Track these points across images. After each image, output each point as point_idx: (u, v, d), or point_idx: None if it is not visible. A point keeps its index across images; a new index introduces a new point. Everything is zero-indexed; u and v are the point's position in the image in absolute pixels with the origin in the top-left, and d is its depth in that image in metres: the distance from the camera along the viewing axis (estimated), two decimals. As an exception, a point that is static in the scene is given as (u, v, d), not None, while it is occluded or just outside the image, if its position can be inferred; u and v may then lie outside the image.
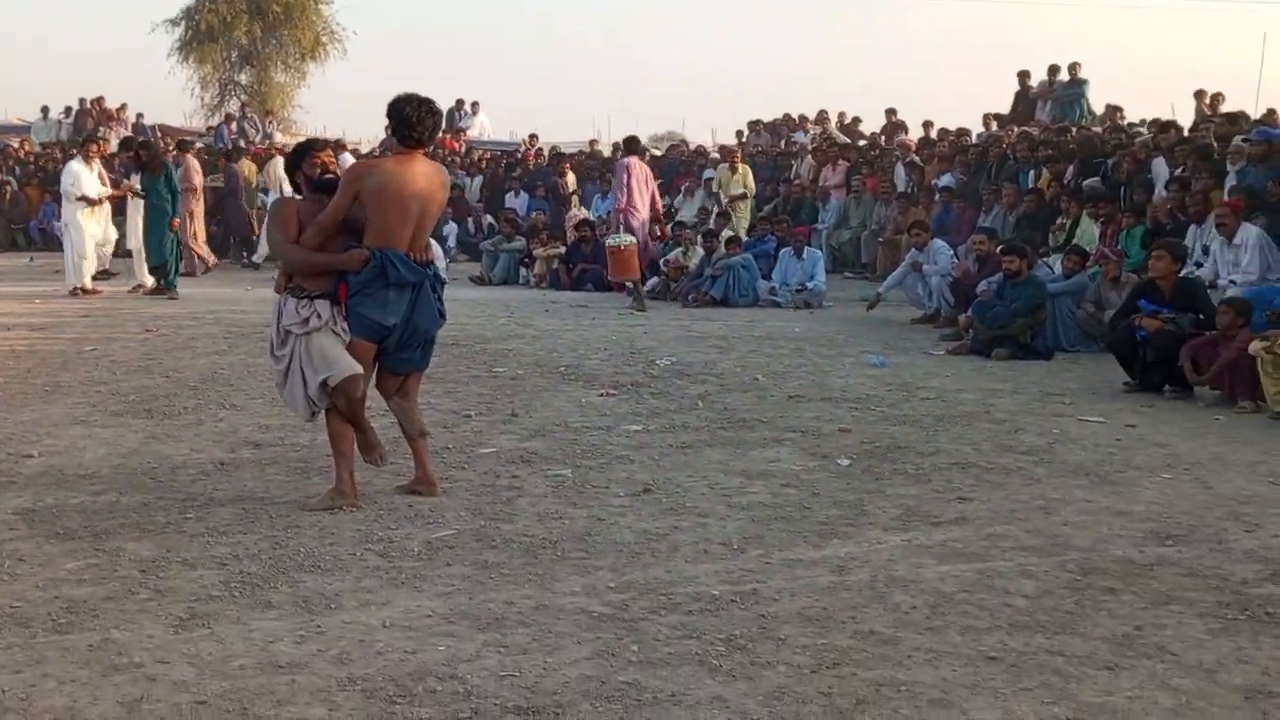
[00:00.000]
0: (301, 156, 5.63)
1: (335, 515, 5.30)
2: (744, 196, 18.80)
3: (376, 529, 5.12)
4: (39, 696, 3.47)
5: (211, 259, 17.76)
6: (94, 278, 15.12)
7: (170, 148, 18.91)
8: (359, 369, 5.41)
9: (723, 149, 21.39)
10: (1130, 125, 17.31)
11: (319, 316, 5.34)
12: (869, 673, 3.72)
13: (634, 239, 14.40)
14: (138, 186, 14.98)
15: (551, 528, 5.18)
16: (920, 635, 4.03)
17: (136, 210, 15.32)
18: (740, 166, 19.23)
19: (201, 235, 17.49)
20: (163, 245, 14.41)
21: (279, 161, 19.31)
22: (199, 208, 17.24)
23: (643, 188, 15.32)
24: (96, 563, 4.60)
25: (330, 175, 5.52)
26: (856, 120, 23.39)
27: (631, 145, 16.14)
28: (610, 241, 14.47)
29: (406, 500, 5.58)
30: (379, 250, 5.33)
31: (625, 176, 15.19)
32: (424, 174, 5.45)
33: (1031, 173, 15.26)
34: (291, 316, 5.35)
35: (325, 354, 5.35)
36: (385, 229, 5.35)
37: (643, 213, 15.17)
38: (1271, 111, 15.35)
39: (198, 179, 17.12)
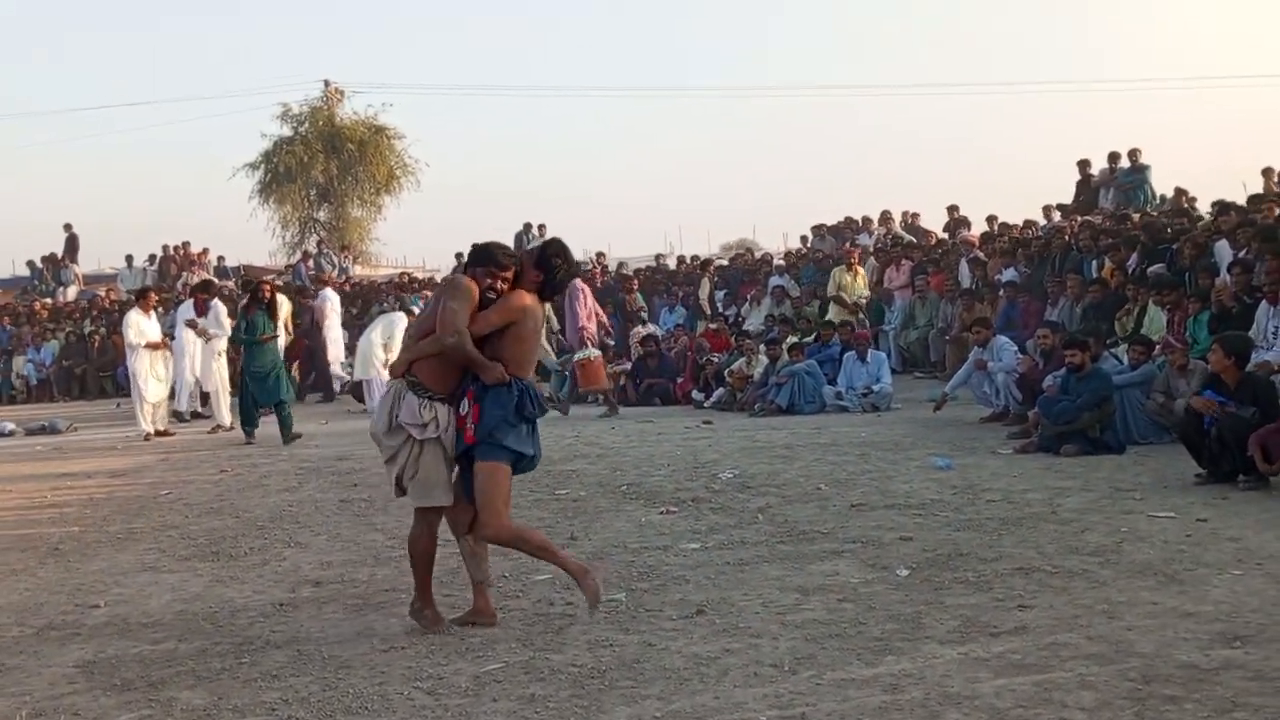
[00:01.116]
0: (483, 260, 5.63)
1: (388, 653, 5.32)
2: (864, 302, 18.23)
3: (427, 665, 5.12)
4: None
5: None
6: (176, 418, 15.61)
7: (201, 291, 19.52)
8: (451, 500, 5.59)
9: (845, 250, 20.48)
10: (1193, 208, 17.12)
11: (438, 425, 5.45)
12: (914, 799, 3.62)
13: (599, 352, 15.42)
14: (213, 329, 15.53)
15: (601, 656, 5.15)
16: (971, 756, 3.92)
17: (210, 353, 15.81)
18: (860, 269, 18.70)
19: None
20: (280, 383, 13.97)
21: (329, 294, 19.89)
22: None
23: (592, 305, 16.22)
24: (149, 714, 4.66)
25: (493, 296, 5.60)
26: (915, 217, 23.40)
27: (575, 271, 16.36)
28: (577, 356, 15.30)
29: (459, 633, 5.59)
30: (520, 381, 5.53)
31: (582, 296, 15.79)
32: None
33: (1095, 262, 15.12)
34: (412, 415, 5.44)
35: (429, 478, 5.50)
36: (523, 361, 5.61)
37: (591, 328, 15.81)
38: (1334, 186, 15.11)
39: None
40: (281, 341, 15.08)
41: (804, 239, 25.79)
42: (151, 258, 29.80)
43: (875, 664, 4.89)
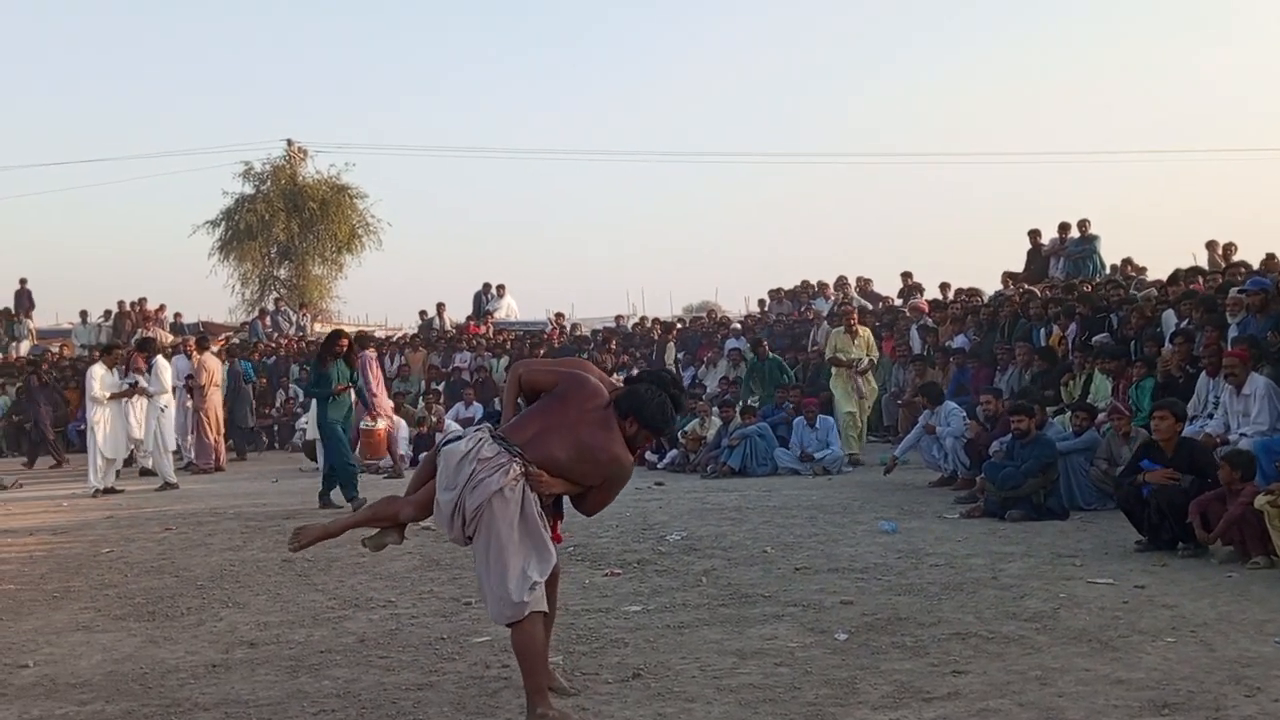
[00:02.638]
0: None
1: (318, 716, 5.25)
2: (873, 366, 16.36)
3: (355, 730, 5.07)
4: None
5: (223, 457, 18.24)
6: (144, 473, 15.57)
7: (189, 345, 19.46)
8: None
9: (844, 311, 17.88)
10: (1131, 278, 17.42)
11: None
12: None
13: (382, 424, 16.34)
14: (148, 386, 15.52)
15: (533, 721, 5.10)
16: (895, 823, 3.92)
17: (154, 410, 15.74)
18: (861, 330, 16.47)
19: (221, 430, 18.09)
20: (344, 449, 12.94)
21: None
22: (218, 403, 17.86)
23: (380, 375, 17.24)
24: (69, 777, 4.58)
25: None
26: (868, 282, 23.63)
27: (365, 341, 17.83)
28: (363, 425, 16.00)
29: (392, 696, 5.52)
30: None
31: (372, 366, 16.75)
32: None
33: (1042, 330, 15.33)
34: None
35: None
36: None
37: (382, 398, 16.83)
38: (1271, 256, 15.41)
39: (218, 375, 17.69)
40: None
41: (761, 302, 26.01)
42: (107, 313, 29.59)
43: (807, 729, 4.88)
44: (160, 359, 16.61)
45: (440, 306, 28.31)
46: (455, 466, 4.98)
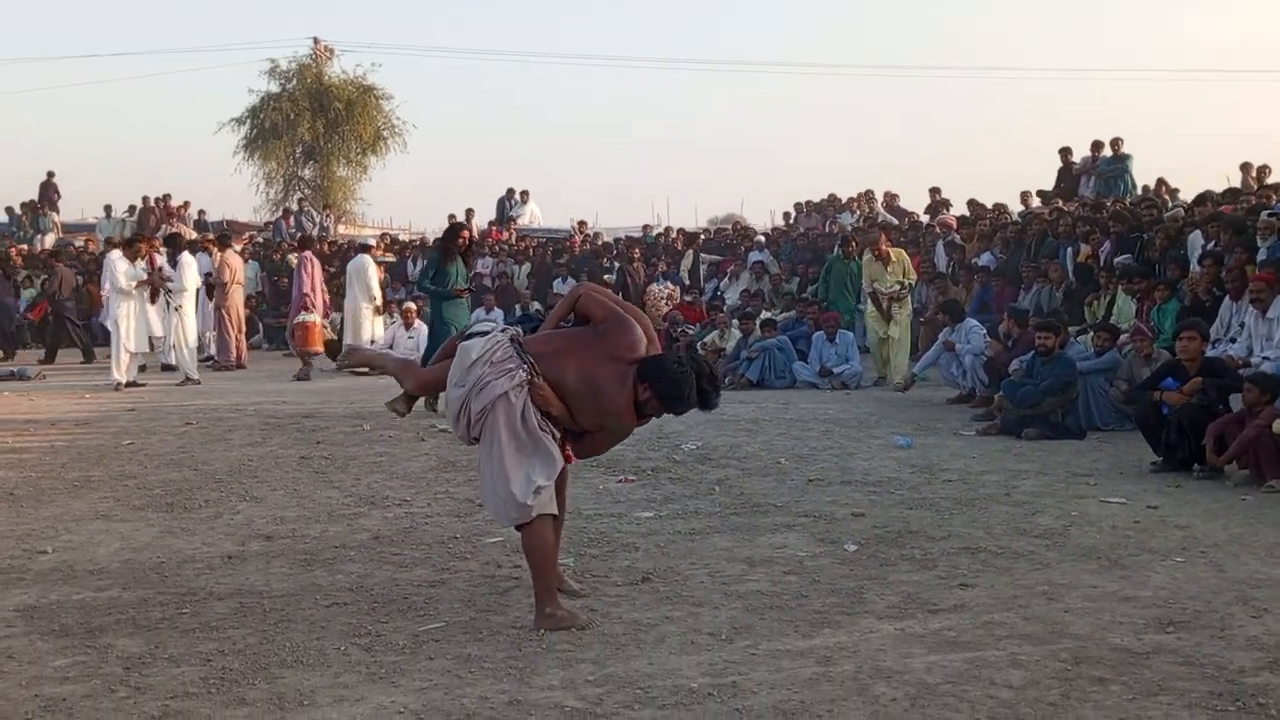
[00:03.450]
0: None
1: (330, 609, 5.33)
2: (907, 291, 14.69)
3: (367, 622, 5.13)
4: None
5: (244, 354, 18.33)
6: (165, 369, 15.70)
7: (209, 243, 19.44)
8: None
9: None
10: (1172, 199, 17.15)
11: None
12: (833, 769, 3.65)
13: (316, 318, 16.54)
14: (171, 276, 15.54)
15: (542, 619, 5.17)
16: (894, 729, 3.96)
17: (173, 307, 15.82)
18: (894, 253, 14.86)
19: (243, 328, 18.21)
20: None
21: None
22: (240, 301, 17.93)
23: (318, 276, 17.26)
24: (84, 660, 4.66)
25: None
26: (894, 197, 23.34)
27: (307, 242, 18.72)
28: (298, 319, 16.56)
29: (404, 592, 5.60)
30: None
31: (309, 266, 16.82)
32: None
33: (1071, 249, 15.15)
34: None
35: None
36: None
37: (315, 297, 16.86)
38: (1307, 181, 15.15)
39: (240, 273, 17.75)
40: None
41: (786, 216, 25.81)
42: (131, 209, 29.60)
43: (812, 636, 4.92)
44: (185, 254, 16.63)
45: (469, 213, 28.19)
46: (467, 367, 4.99)
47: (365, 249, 18.27)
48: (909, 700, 4.19)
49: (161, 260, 16.47)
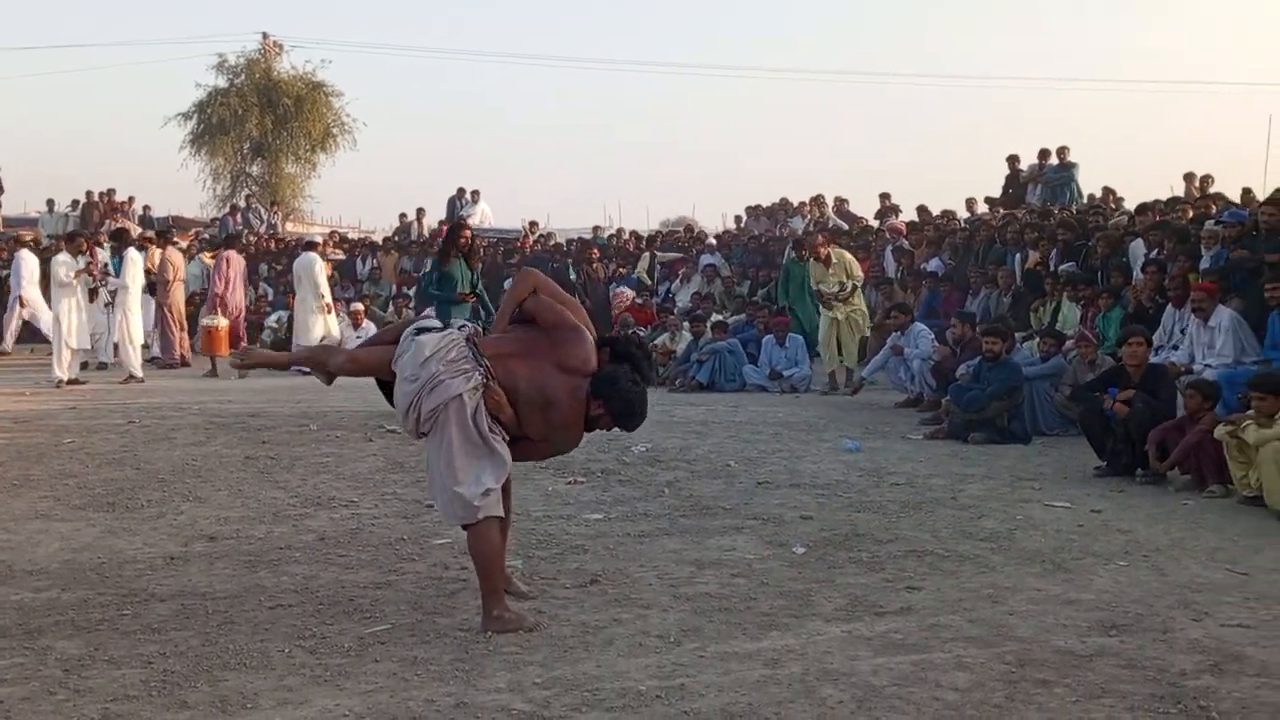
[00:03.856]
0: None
1: (274, 610, 5.27)
2: (850, 290, 14.31)
3: (312, 624, 5.08)
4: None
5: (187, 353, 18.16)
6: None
7: (147, 239, 19.32)
8: None
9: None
10: (1111, 208, 17.40)
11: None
12: (780, 771, 3.65)
13: (225, 322, 16.74)
14: (124, 280, 15.37)
15: (489, 621, 5.13)
16: (841, 731, 3.97)
17: (120, 303, 15.63)
18: (834, 254, 14.54)
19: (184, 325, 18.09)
20: None
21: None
22: (181, 298, 17.80)
23: (239, 276, 17.75)
24: (22, 661, 4.57)
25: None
26: (844, 202, 23.46)
27: (230, 241, 19.11)
28: (205, 321, 16.85)
29: (350, 594, 5.54)
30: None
31: (225, 266, 17.31)
32: None
33: (1018, 255, 15.32)
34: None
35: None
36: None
37: (236, 297, 17.48)
38: (1248, 191, 15.42)
39: (181, 270, 17.62)
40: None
41: (738, 219, 25.88)
42: (74, 203, 29.11)
43: (760, 639, 4.93)
44: (132, 250, 16.40)
45: (420, 211, 28.02)
46: (421, 362, 4.95)
47: (311, 246, 18.09)
48: (855, 702, 4.21)
49: (104, 256, 16.24)
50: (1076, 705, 4.18)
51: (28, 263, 18.36)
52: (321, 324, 16.79)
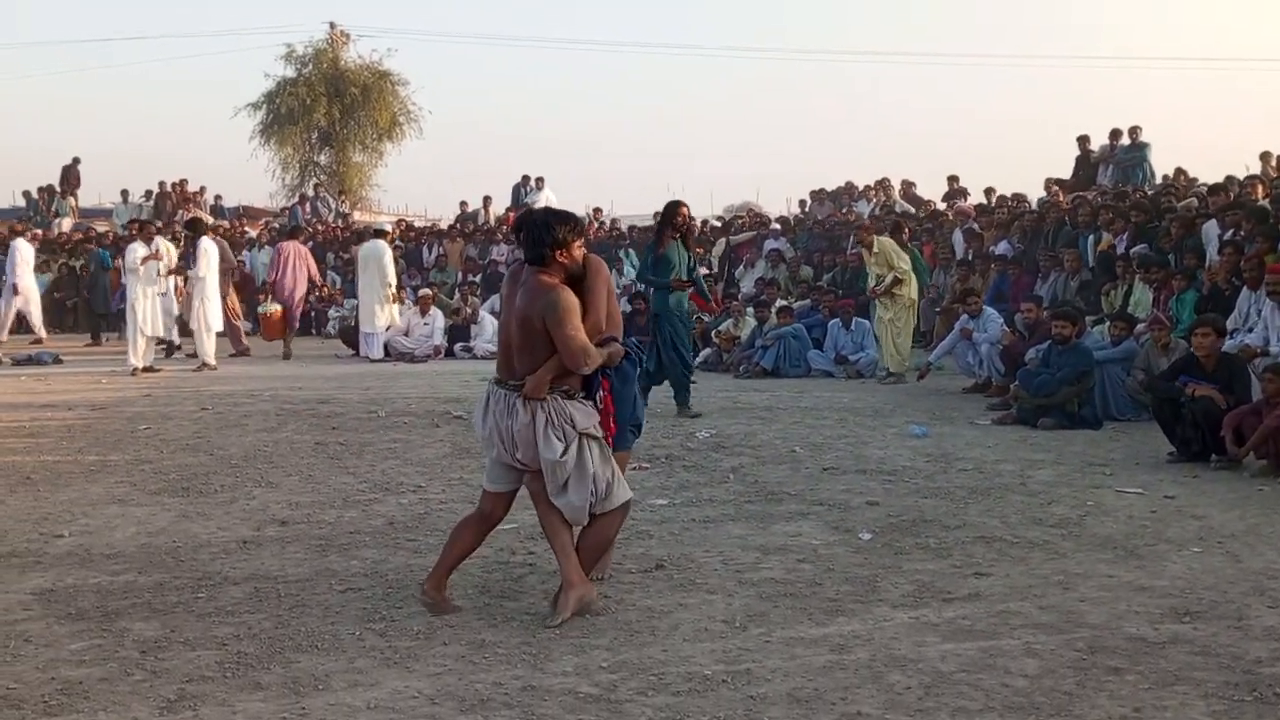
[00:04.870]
0: (562, 242, 5.01)
1: (345, 594, 5.34)
2: (890, 282, 13.52)
3: (382, 608, 5.14)
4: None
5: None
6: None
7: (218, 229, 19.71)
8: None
9: (861, 229, 15.73)
10: (1185, 187, 17.05)
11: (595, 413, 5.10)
12: (846, 757, 3.64)
13: (279, 307, 17.76)
14: (201, 271, 15.62)
15: (556, 605, 5.17)
16: (908, 718, 3.95)
17: (197, 291, 15.88)
18: (879, 241, 13.88)
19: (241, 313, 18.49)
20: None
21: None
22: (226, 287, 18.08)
23: (298, 264, 18.11)
24: (100, 643, 4.68)
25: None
26: (911, 185, 23.22)
27: (294, 232, 19.93)
28: (260, 310, 18.31)
29: (418, 578, 5.60)
30: (627, 342, 5.25)
31: (278, 256, 18.24)
32: None
33: (1090, 238, 15.07)
34: (588, 417, 5.04)
35: (615, 468, 5.18)
36: (616, 318, 5.27)
37: (296, 285, 18.04)
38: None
39: (225, 260, 17.87)
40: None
41: (802, 203, 25.74)
42: (148, 193, 29.69)
43: (826, 624, 4.91)
44: (205, 239, 16.60)
45: (486, 200, 28.18)
46: (484, 435, 5.17)
47: (381, 234, 18.25)
48: (923, 689, 4.18)
49: (161, 245, 16.47)
50: (1149, 693, 4.12)
51: (22, 251, 18.95)
52: (386, 313, 16.96)
